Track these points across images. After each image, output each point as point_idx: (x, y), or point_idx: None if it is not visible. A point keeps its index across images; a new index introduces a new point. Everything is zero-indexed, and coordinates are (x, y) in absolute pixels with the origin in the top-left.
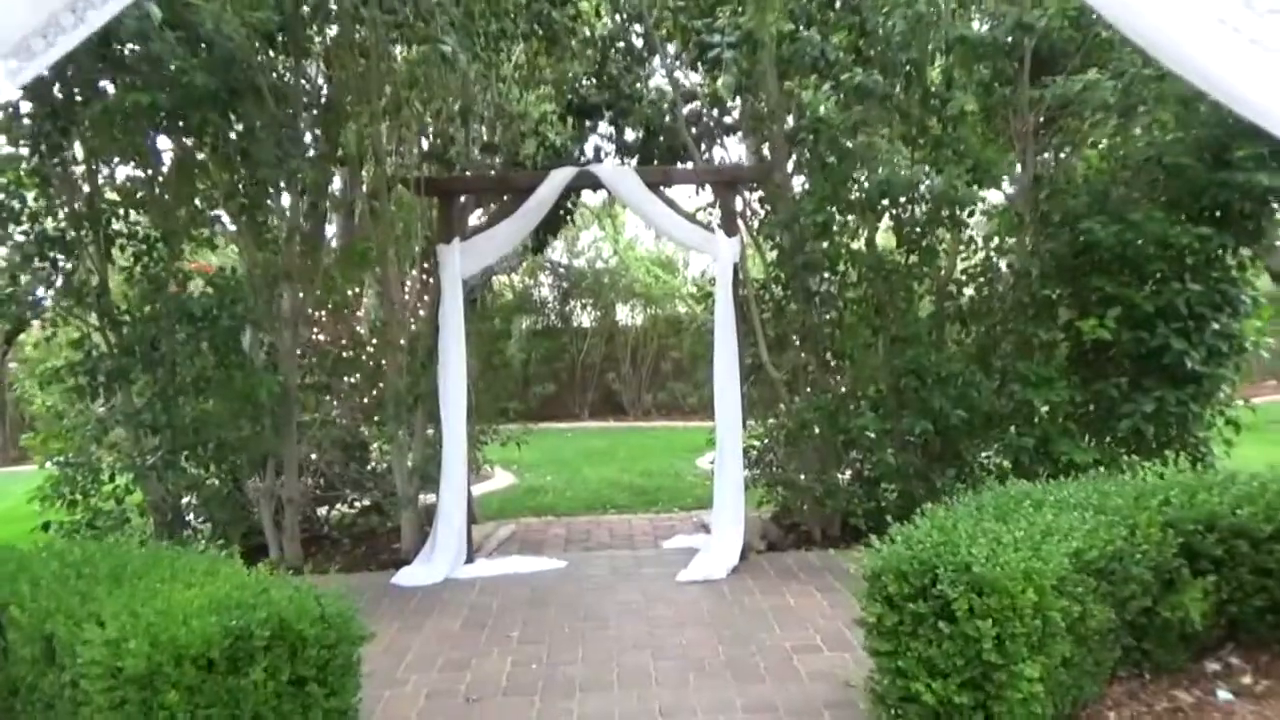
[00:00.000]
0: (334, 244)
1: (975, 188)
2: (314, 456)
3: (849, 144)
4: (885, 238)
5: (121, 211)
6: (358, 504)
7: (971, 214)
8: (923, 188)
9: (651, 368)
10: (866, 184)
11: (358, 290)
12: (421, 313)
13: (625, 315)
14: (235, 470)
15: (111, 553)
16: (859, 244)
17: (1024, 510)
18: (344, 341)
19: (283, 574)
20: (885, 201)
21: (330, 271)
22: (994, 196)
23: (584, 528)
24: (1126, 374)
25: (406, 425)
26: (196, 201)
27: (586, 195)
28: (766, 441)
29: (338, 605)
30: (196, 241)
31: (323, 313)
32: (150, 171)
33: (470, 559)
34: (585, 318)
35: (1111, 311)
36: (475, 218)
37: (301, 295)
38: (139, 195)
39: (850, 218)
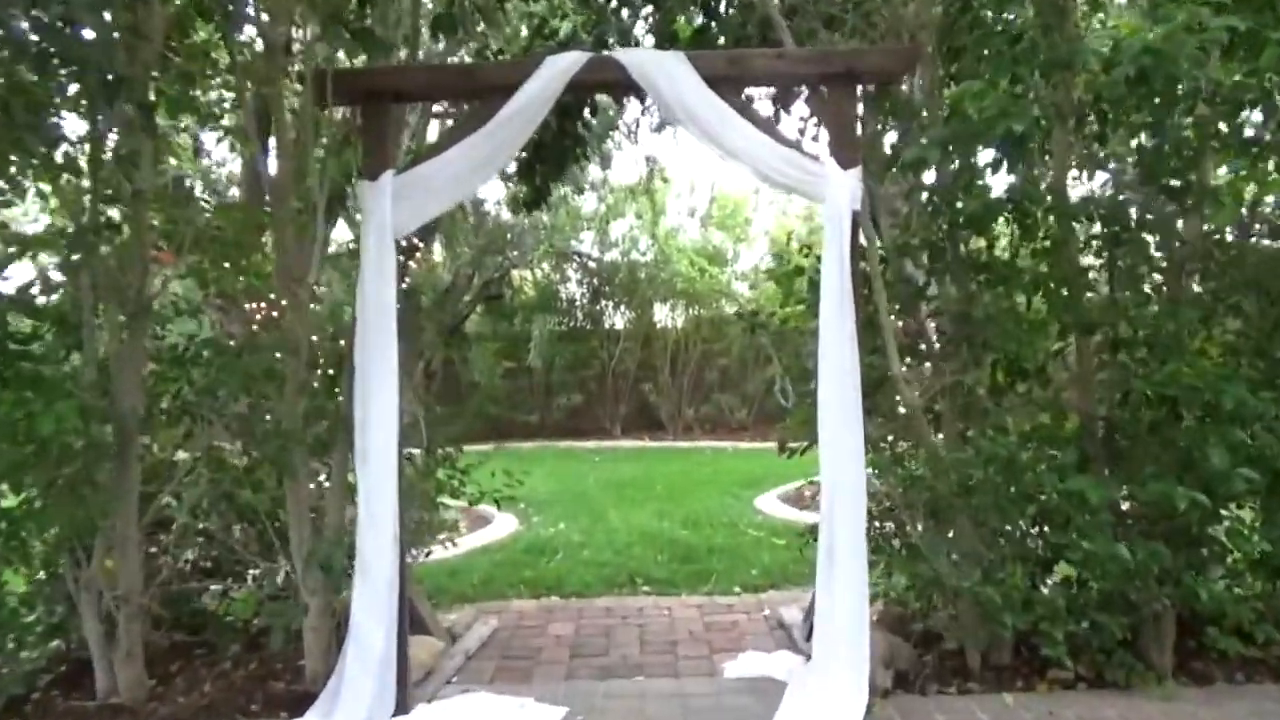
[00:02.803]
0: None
1: None
2: (182, 518)
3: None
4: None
5: None
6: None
7: None
8: (1203, 80)
9: (694, 377)
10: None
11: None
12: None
13: (664, 316)
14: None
15: None
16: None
17: None
18: (232, 341)
19: None
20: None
21: (211, 234)
22: None
23: (601, 623)
24: None
25: (304, 472)
26: None
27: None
28: (891, 504)
29: None
30: None
31: (209, 298)
32: None
33: (402, 704)
34: (618, 319)
35: None
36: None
37: (150, 274)
38: None
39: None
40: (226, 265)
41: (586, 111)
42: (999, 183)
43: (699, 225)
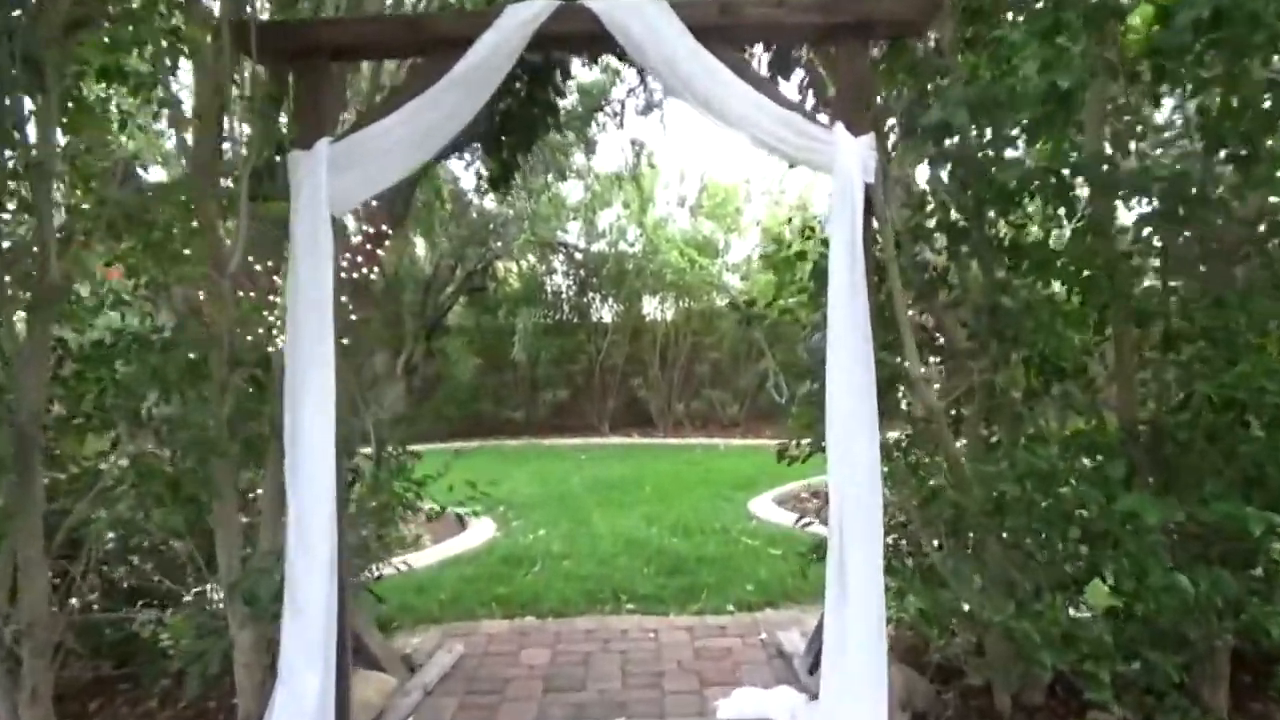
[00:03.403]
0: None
1: None
2: (97, 538)
3: None
4: None
5: None
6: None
7: None
8: None
9: (684, 372)
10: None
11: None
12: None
13: (653, 308)
14: None
15: None
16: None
17: None
18: (156, 334)
19: None
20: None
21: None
22: None
23: (580, 648)
24: None
25: (230, 487)
26: None
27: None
28: (907, 520)
29: None
30: None
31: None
32: None
33: None
34: (605, 311)
35: None
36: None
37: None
38: None
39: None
40: (158, 251)
41: (560, 76)
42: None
43: (688, 215)
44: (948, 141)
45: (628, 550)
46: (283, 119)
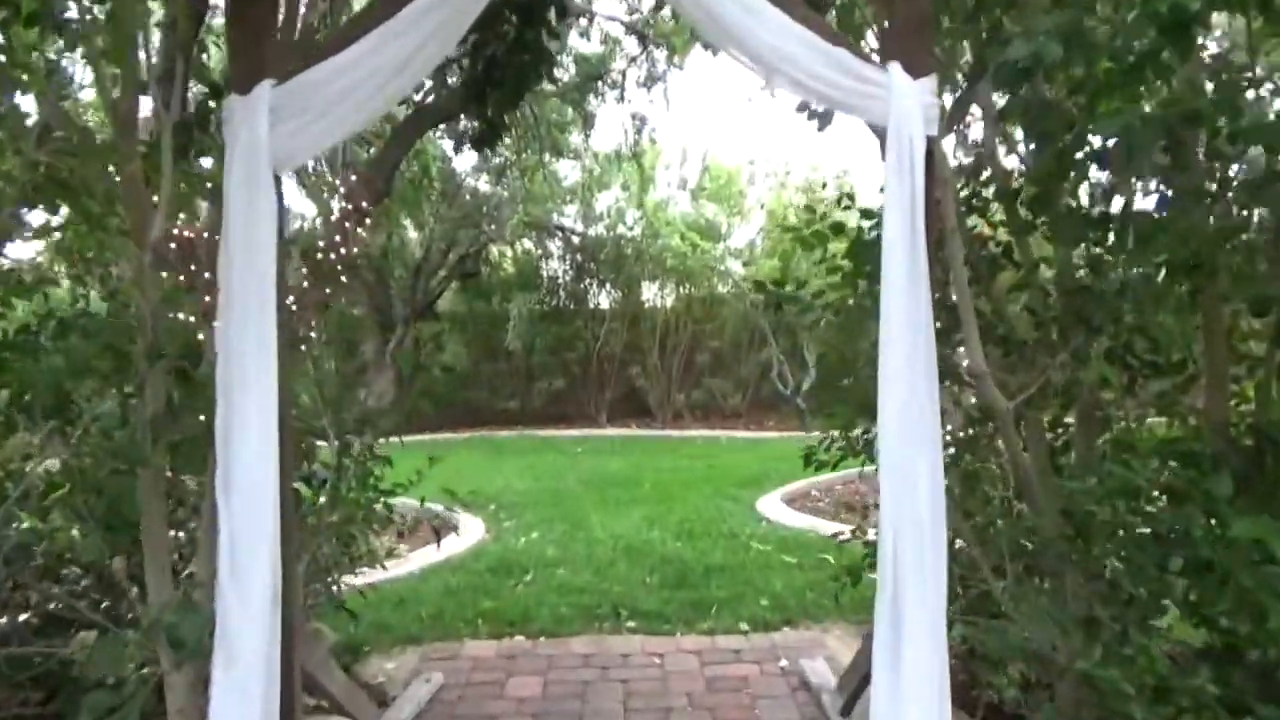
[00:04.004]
0: None
1: None
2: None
3: None
4: None
5: None
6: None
7: None
8: None
9: (684, 360)
10: None
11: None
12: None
13: (652, 295)
14: None
15: None
16: None
17: None
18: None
19: None
20: None
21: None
22: None
23: (575, 676)
24: None
25: (156, 501)
26: None
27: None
28: (957, 538)
29: None
30: None
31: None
32: None
33: None
34: (603, 298)
35: None
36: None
37: None
38: None
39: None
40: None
41: (554, 14)
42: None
43: (690, 197)
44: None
45: (627, 557)
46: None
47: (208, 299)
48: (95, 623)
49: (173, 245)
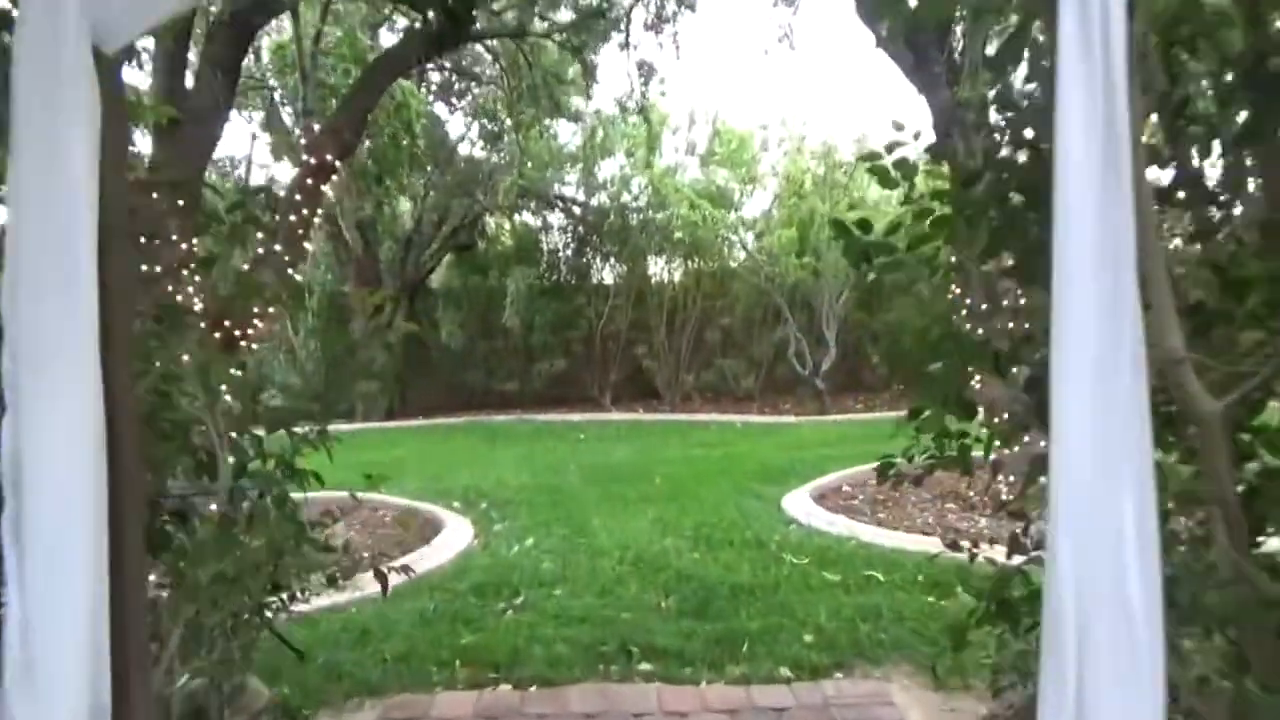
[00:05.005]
0: None
1: None
2: None
3: None
4: None
5: None
6: None
7: None
8: None
9: (693, 339)
10: None
11: None
12: None
13: (659, 269)
14: None
15: None
16: None
17: None
18: None
19: None
20: None
21: None
22: None
23: None
24: None
25: None
26: None
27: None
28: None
29: None
30: None
31: None
32: None
33: None
34: (607, 272)
35: None
36: None
37: None
38: None
39: None
40: None
41: None
42: None
43: (699, 163)
44: None
45: (638, 572)
46: None
47: None
48: None
49: None
